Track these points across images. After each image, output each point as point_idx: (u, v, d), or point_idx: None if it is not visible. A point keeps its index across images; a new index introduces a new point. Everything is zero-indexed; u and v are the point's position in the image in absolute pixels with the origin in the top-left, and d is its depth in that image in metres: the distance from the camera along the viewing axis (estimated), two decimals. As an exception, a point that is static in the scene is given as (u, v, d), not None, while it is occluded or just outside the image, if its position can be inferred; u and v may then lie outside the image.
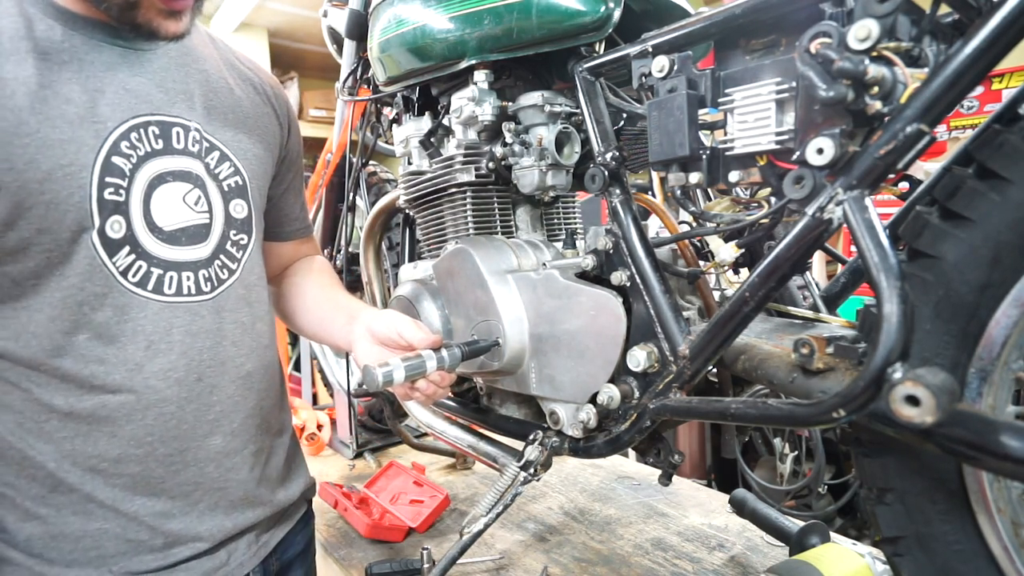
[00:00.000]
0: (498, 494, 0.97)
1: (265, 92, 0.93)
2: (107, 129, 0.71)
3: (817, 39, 0.58)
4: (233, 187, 0.84)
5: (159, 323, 0.75)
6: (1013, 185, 0.53)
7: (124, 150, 0.73)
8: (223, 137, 0.83)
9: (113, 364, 0.73)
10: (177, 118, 0.78)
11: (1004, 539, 0.58)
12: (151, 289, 0.75)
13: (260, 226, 0.91)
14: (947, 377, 0.49)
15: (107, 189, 0.71)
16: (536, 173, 0.97)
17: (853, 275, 0.90)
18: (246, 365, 0.84)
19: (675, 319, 0.78)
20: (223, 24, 4.00)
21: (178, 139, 0.78)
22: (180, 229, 0.77)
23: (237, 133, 0.86)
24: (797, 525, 1.18)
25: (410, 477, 1.69)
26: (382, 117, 1.42)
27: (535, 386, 0.94)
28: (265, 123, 0.91)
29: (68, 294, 0.70)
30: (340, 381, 1.95)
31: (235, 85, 0.88)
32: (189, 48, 0.83)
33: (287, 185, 1.01)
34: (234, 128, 0.86)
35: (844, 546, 1.08)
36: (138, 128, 0.74)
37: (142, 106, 0.75)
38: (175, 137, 0.77)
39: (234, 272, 0.84)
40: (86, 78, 0.70)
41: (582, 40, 0.90)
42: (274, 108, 0.94)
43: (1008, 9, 0.49)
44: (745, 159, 0.70)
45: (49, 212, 0.67)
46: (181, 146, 0.78)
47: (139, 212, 0.74)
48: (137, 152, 0.74)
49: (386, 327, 0.87)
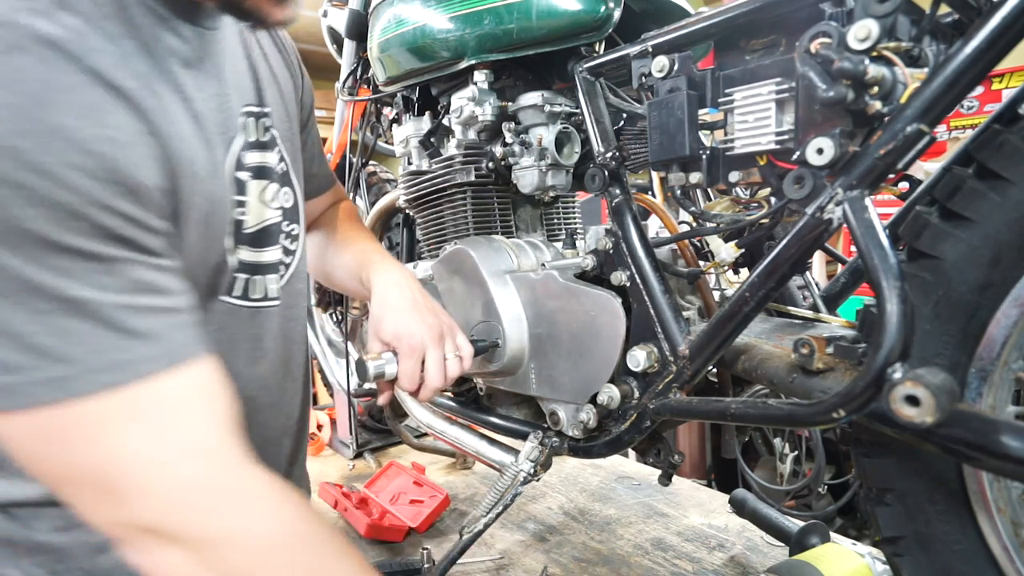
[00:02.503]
0: (498, 494, 0.97)
1: (284, 45, 0.85)
2: (228, 138, 0.66)
3: (817, 39, 0.58)
4: (282, 174, 0.76)
5: (252, 330, 0.72)
6: (1013, 185, 0.53)
7: (243, 162, 0.68)
8: (274, 120, 0.76)
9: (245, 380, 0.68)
10: (252, 106, 0.71)
11: (1004, 539, 0.58)
12: (238, 295, 0.70)
13: (304, 211, 0.84)
14: (947, 377, 0.49)
15: (236, 209, 0.67)
16: (536, 173, 0.97)
17: (853, 275, 0.90)
18: (298, 358, 0.81)
19: (675, 319, 0.78)
20: (223, 24, 3.99)
21: (258, 130, 0.71)
22: (262, 230, 0.72)
23: (282, 116, 0.78)
24: (797, 525, 1.18)
25: (410, 477, 1.69)
26: (382, 117, 1.42)
27: (535, 386, 0.94)
28: (290, 88, 0.83)
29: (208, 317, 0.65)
30: (340, 381, 1.95)
31: (269, 53, 0.80)
32: None
33: (307, 138, 0.94)
34: (279, 111, 0.78)
35: (844, 546, 1.09)
36: (242, 128, 0.69)
37: (246, 96, 0.69)
38: (256, 128, 0.71)
39: (290, 266, 0.79)
40: (205, 79, 0.64)
41: (582, 40, 0.90)
42: (291, 60, 0.86)
43: (1008, 9, 0.49)
44: (745, 159, 0.70)
45: (210, 239, 0.63)
46: (256, 138, 0.71)
47: None
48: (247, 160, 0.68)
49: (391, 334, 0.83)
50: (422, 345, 0.81)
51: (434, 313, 0.85)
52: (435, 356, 0.81)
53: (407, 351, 0.80)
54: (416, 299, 0.85)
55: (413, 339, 0.80)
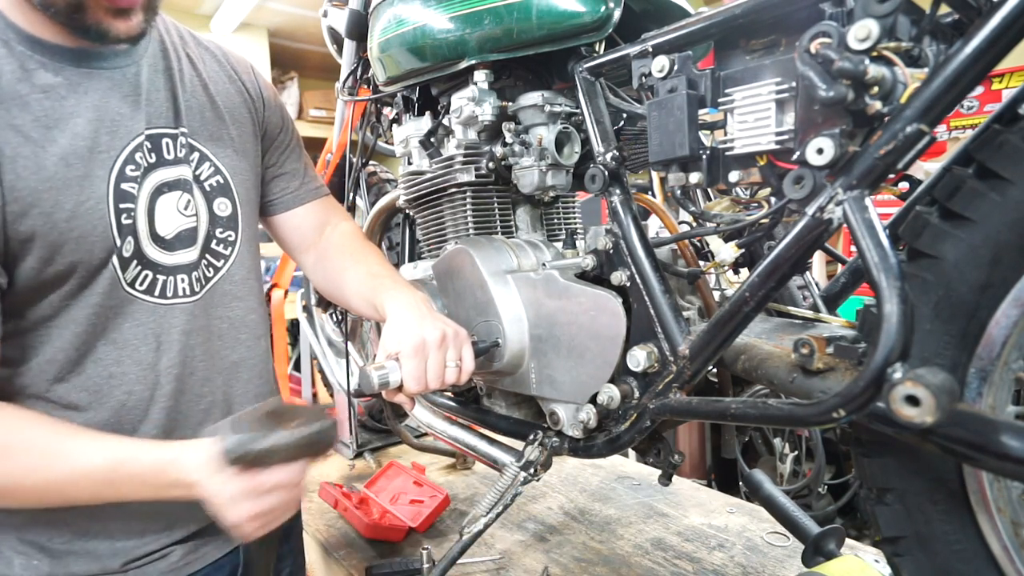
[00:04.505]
0: (498, 494, 0.97)
1: (233, 71, 0.93)
2: (111, 158, 0.74)
3: (817, 39, 0.58)
4: (215, 186, 0.86)
5: (162, 324, 0.79)
6: (1013, 185, 0.53)
7: (129, 174, 0.75)
8: (202, 138, 0.85)
9: (128, 366, 0.77)
10: (164, 128, 0.80)
11: (1004, 539, 0.58)
12: (157, 295, 0.79)
13: (250, 220, 0.92)
14: (947, 377, 0.49)
15: (122, 215, 0.75)
16: (536, 173, 0.97)
17: (853, 275, 0.90)
18: (231, 356, 0.88)
19: (675, 319, 0.78)
20: (223, 24, 4.00)
21: (167, 149, 0.80)
22: (175, 236, 0.81)
23: (215, 131, 0.87)
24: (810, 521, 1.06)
25: (410, 477, 1.69)
26: (382, 117, 1.42)
27: (535, 386, 0.94)
28: (240, 110, 0.91)
29: (92, 311, 0.74)
30: (340, 381, 1.95)
31: (207, 78, 0.88)
32: (163, 50, 0.83)
33: (281, 152, 1.01)
34: (211, 126, 0.86)
35: (865, 560, 0.95)
36: (136, 149, 0.76)
37: (136, 125, 0.77)
38: (165, 148, 0.80)
39: (220, 269, 0.87)
40: (84, 108, 0.72)
41: (582, 40, 0.90)
42: (244, 86, 0.93)
43: (1008, 9, 0.49)
44: (745, 159, 0.70)
45: (80, 246, 0.71)
46: (171, 156, 0.80)
47: (144, 227, 0.77)
48: (138, 173, 0.76)
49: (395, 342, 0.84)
50: (424, 347, 0.82)
51: (443, 321, 0.87)
52: (436, 359, 0.82)
53: (410, 352, 0.81)
54: (424, 313, 0.87)
55: (415, 340, 0.82)
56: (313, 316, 1.94)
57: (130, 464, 0.68)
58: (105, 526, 0.79)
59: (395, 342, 0.83)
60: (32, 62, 0.69)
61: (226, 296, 0.88)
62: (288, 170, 1.02)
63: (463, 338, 0.87)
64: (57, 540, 0.77)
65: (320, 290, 1.13)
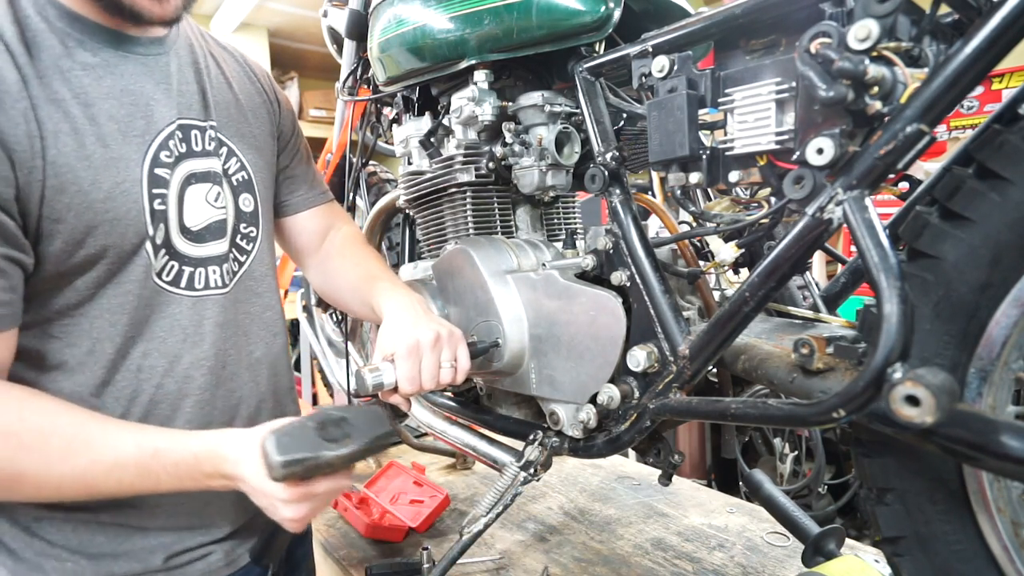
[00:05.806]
0: (498, 494, 0.97)
1: (253, 73, 0.95)
2: (146, 142, 0.74)
3: (817, 39, 0.58)
4: (241, 182, 0.87)
5: (192, 317, 0.79)
6: (1013, 185, 0.53)
7: (163, 160, 0.75)
8: (229, 133, 0.86)
9: (155, 358, 0.77)
10: (195, 120, 0.81)
11: (1004, 539, 0.58)
12: (183, 286, 0.79)
13: (268, 217, 0.93)
14: (947, 377, 0.49)
15: (155, 200, 0.74)
16: (536, 173, 0.97)
17: (853, 275, 0.90)
18: (255, 352, 0.88)
19: (675, 319, 0.78)
20: (223, 24, 4.00)
21: (196, 141, 0.80)
22: (205, 227, 0.81)
23: (240, 127, 0.88)
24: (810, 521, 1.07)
25: (410, 477, 1.69)
26: (382, 117, 1.42)
27: (535, 386, 0.94)
28: (261, 110, 0.93)
29: (125, 300, 0.73)
30: (340, 381, 1.95)
31: (231, 77, 0.90)
32: (190, 45, 0.84)
33: (292, 156, 1.03)
34: (237, 123, 0.88)
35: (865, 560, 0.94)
36: (169, 137, 0.77)
37: (169, 113, 0.77)
38: (194, 140, 0.80)
39: (243, 264, 0.88)
40: (120, 92, 0.72)
41: (582, 40, 0.90)
42: (263, 88, 0.96)
43: (1008, 9, 0.49)
44: (745, 159, 0.70)
45: (113, 229, 0.71)
46: (199, 148, 0.81)
47: (175, 216, 0.77)
48: (171, 159, 0.76)
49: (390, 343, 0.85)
50: (418, 348, 0.82)
51: (437, 322, 0.87)
52: (431, 360, 0.83)
53: (404, 353, 0.81)
54: (419, 314, 0.87)
55: (410, 341, 0.82)
56: (313, 316, 1.94)
57: (166, 454, 0.67)
58: (142, 523, 0.78)
59: (390, 343, 0.83)
60: (71, 39, 0.69)
61: (248, 292, 0.88)
62: (298, 174, 1.04)
63: (458, 338, 0.87)
64: (95, 542, 0.76)
65: (320, 292, 1.14)
